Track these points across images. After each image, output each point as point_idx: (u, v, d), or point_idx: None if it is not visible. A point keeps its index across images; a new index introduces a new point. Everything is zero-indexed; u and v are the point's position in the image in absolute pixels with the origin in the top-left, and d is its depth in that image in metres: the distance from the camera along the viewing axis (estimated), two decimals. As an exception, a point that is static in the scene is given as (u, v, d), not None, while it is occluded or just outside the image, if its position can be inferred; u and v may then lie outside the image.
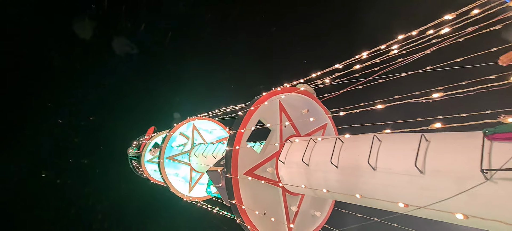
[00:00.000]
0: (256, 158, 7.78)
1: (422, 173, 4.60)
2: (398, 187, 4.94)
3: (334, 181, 6.21)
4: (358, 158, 5.79)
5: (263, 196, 7.89)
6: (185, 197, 15.42)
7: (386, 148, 5.37)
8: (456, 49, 5.18)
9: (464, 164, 4.06)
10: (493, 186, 3.72)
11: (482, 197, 3.82)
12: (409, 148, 4.89)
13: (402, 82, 6.52)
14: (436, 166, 4.48)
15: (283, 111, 8.27)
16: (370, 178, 5.45)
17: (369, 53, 6.21)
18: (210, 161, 12.80)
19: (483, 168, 3.76)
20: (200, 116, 15.89)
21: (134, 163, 27.70)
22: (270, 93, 7.84)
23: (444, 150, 4.48)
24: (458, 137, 4.48)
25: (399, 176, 4.92)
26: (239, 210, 7.13)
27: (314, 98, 8.96)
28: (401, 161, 4.94)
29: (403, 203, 4.76)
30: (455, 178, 4.13)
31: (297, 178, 7.37)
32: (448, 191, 4.16)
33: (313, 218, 9.04)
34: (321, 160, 6.60)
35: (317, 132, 9.27)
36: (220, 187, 8.15)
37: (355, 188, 5.72)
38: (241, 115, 7.65)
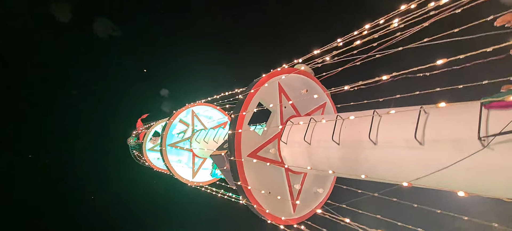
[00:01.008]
0: (258, 140, 7.91)
1: (421, 145, 4.74)
2: (399, 159, 5.10)
3: (336, 158, 6.37)
4: (358, 134, 5.92)
5: (267, 176, 8.08)
6: (189, 182, 15.69)
7: (386, 122, 5.49)
8: (455, 20, 5.20)
9: (462, 133, 4.20)
10: (490, 153, 3.87)
11: (480, 164, 3.97)
12: (408, 121, 5.02)
13: (401, 57, 6.58)
14: (435, 136, 4.62)
15: (283, 93, 8.33)
16: (371, 152, 5.61)
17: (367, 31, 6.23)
18: (211, 146, 12.96)
19: (481, 135, 3.90)
20: (198, 102, 15.93)
21: (136, 152, 27.93)
22: (269, 75, 7.88)
23: (442, 121, 4.60)
24: (456, 108, 4.59)
25: (400, 148, 5.07)
26: (245, 191, 7.32)
27: (312, 78, 9.01)
28: (401, 134, 5.07)
29: (406, 177, 4.95)
30: (454, 147, 4.28)
31: (300, 157, 7.54)
32: (447, 160, 4.31)
33: (316, 195, 9.31)
34: (323, 138, 6.74)
35: (317, 111, 9.38)
36: (224, 170, 8.32)
37: (357, 163, 5.89)
38: (241, 98, 7.72)
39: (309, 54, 7.46)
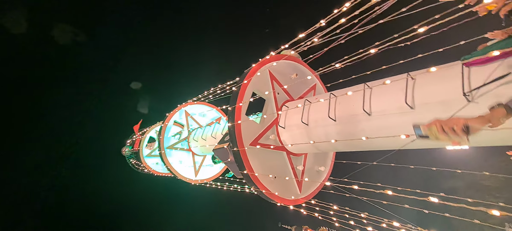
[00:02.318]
0: (257, 128, 8.16)
1: (412, 109, 5.09)
2: (393, 125, 5.44)
3: (335, 134, 6.69)
4: (353, 107, 6.24)
5: (270, 162, 8.37)
6: (193, 181, 15.91)
7: (377, 93, 5.81)
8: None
9: (448, 92, 4.55)
10: (475, 106, 4.23)
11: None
12: (397, 89, 5.34)
13: (382, 29, 6.87)
14: (424, 99, 4.97)
15: (274, 80, 8.56)
16: (367, 123, 5.94)
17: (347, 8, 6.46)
18: (210, 142, 13.15)
19: (465, 91, 4.25)
20: (190, 101, 16.01)
21: (133, 161, 27.83)
22: (259, 63, 8.08)
23: (429, 83, 4.95)
24: (440, 70, 4.92)
25: (393, 115, 5.41)
26: (252, 178, 7.60)
27: (300, 62, 9.25)
28: (393, 102, 5.41)
29: (401, 141, 5.30)
30: (442, 106, 4.63)
31: (299, 138, 7.84)
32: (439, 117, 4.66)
33: (318, 173, 9.70)
34: (319, 116, 7.04)
35: (308, 93, 9.67)
36: (229, 162, 8.56)
37: (355, 136, 6.22)
38: (235, 90, 7.91)
39: (294, 39, 7.66)
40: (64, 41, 40.04)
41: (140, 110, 46.54)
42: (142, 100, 46.90)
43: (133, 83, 46.42)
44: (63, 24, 38.93)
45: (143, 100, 46.85)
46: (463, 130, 2.95)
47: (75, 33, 40.36)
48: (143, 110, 46.58)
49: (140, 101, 46.99)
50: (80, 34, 40.83)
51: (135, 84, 46.69)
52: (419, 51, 6.70)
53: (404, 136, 4.55)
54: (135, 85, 46.62)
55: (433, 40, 6.45)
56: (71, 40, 40.70)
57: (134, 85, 46.58)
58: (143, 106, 46.82)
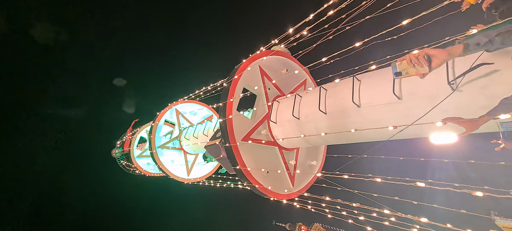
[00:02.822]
0: (249, 123, 8.19)
1: (400, 99, 5.21)
2: (382, 116, 5.56)
3: (326, 127, 6.77)
4: (342, 100, 6.34)
5: (262, 157, 8.42)
6: (185, 180, 15.83)
7: (366, 85, 5.92)
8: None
9: (433, 81, 4.67)
10: (460, 94, 4.38)
11: (453, 105, 4.47)
12: (385, 80, 5.46)
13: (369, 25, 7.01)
14: (410, 89, 5.09)
15: (265, 75, 8.60)
16: (356, 115, 6.04)
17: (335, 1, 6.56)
18: (202, 140, 13.11)
19: (449, 80, 4.38)
20: (181, 99, 15.91)
21: (124, 162, 27.47)
22: (249, 59, 8.11)
23: (415, 74, 5.06)
24: (425, 60, 5.05)
25: (381, 106, 5.52)
26: (245, 173, 7.63)
27: (289, 57, 9.32)
28: (381, 93, 5.52)
29: (390, 131, 5.42)
30: (428, 96, 4.76)
31: (291, 133, 7.91)
32: (425, 108, 4.80)
33: (310, 167, 9.80)
34: (310, 110, 7.12)
35: (299, 88, 9.75)
36: (221, 158, 8.56)
37: (345, 128, 6.32)
38: (226, 86, 7.92)
39: (284, 34, 7.73)
40: (46, 40, 38.64)
41: (126, 110, 45.20)
42: (128, 99, 45.59)
43: (116, 80, 44.51)
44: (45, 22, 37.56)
45: (129, 99, 45.51)
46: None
47: (57, 32, 39.05)
48: (129, 110, 45.30)
49: (126, 101, 45.64)
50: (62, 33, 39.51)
51: (118, 81, 44.84)
52: (406, 45, 6.90)
53: (392, 128, 4.66)
54: (118, 82, 44.80)
55: (419, 34, 6.64)
56: (53, 39, 39.36)
57: (118, 82, 44.77)
58: (129, 106, 45.46)
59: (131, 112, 45.21)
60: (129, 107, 45.20)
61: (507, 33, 3.39)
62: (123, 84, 44.37)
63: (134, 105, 45.38)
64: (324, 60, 6.33)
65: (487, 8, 4.96)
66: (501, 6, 4.75)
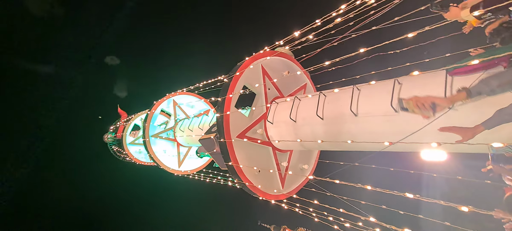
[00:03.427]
0: (245, 121, 8.24)
1: (397, 112, 5.30)
2: (378, 127, 5.65)
3: (321, 132, 6.85)
4: (340, 108, 6.42)
5: (255, 156, 8.47)
6: (176, 172, 15.79)
7: (365, 95, 6.01)
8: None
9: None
10: (455, 113, 4.48)
11: (448, 123, 4.56)
12: (384, 92, 5.56)
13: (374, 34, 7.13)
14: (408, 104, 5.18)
15: (266, 75, 8.67)
16: (353, 123, 6.13)
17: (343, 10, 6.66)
18: (196, 133, 13.11)
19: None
20: (179, 91, 15.90)
21: (115, 148, 27.30)
22: (252, 57, 8.17)
23: (414, 89, 5.18)
24: (425, 76, 5.17)
25: (378, 117, 5.62)
26: (237, 170, 7.67)
27: (292, 60, 9.40)
28: (379, 104, 5.61)
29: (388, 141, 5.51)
30: (424, 111, 4.85)
31: (286, 135, 7.97)
32: (420, 123, 4.90)
33: (302, 170, 9.87)
34: (307, 114, 7.20)
35: (298, 91, 9.83)
36: (214, 153, 8.59)
37: (341, 135, 6.40)
38: (227, 81, 7.96)
39: (289, 36, 7.80)
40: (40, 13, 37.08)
41: (118, 93, 43.34)
42: (120, 82, 43.39)
43: (108, 58, 41.90)
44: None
45: (121, 82, 43.35)
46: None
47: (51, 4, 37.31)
48: (121, 93, 43.53)
49: (118, 83, 43.39)
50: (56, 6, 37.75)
51: (111, 59, 42.53)
52: (408, 59, 7.04)
53: (387, 143, 4.75)
54: (111, 60, 42.50)
55: (422, 50, 6.77)
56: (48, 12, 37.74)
57: (111, 60, 42.49)
58: (121, 89, 43.51)
59: (122, 96, 43.61)
60: (121, 91, 43.62)
61: (508, 85, 3.60)
62: (116, 63, 42.35)
63: (126, 89, 43.68)
64: (326, 64, 6.40)
65: (490, 33, 5.08)
66: (503, 32, 4.87)
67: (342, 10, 6.41)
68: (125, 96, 42.82)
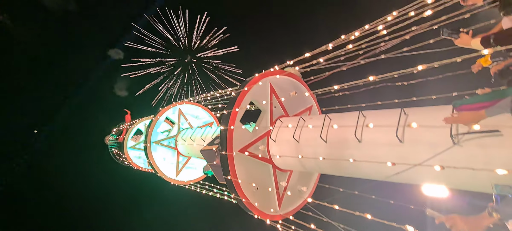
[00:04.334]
0: (248, 136, 8.24)
1: (401, 142, 5.29)
2: (381, 156, 5.61)
3: (324, 154, 6.82)
4: (345, 132, 6.41)
5: (255, 172, 8.41)
6: (172, 181, 15.68)
7: (371, 122, 6.01)
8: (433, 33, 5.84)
9: (436, 132, 4.77)
10: (460, 149, 4.46)
11: (452, 158, 4.55)
12: (390, 121, 5.56)
13: (383, 64, 7.23)
14: (413, 135, 5.18)
15: (273, 93, 8.75)
16: (356, 149, 6.11)
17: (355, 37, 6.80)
18: (198, 143, 13.12)
19: (452, 133, 4.48)
20: (186, 100, 16.05)
21: (115, 150, 27.32)
22: (262, 74, 8.28)
23: (420, 121, 5.17)
24: (432, 110, 5.20)
25: (382, 146, 5.60)
26: (235, 185, 7.61)
27: (301, 81, 9.51)
28: (384, 133, 5.60)
29: (387, 173, 5.47)
30: (429, 144, 4.84)
31: (288, 154, 7.94)
32: (424, 156, 4.88)
33: (300, 192, 9.74)
34: (311, 136, 7.19)
35: (304, 113, 9.86)
36: (214, 164, 8.56)
37: (343, 160, 6.36)
38: (234, 95, 8.04)
39: (300, 57, 7.94)
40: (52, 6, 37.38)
41: (118, 92, 43.16)
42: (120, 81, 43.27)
43: (112, 51, 42.07)
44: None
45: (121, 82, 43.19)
46: None
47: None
48: (120, 92, 43.39)
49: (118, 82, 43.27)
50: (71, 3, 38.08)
51: (115, 53, 42.67)
52: (416, 92, 7.12)
53: (390, 164, 4.72)
54: (115, 53, 42.57)
55: (429, 84, 6.84)
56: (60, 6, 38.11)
57: (114, 54, 42.55)
58: (121, 88, 43.33)
59: (123, 95, 43.55)
60: (120, 90, 43.55)
61: None
62: (121, 56, 42.41)
63: (126, 89, 43.58)
64: (335, 88, 6.47)
65: (495, 74, 5.14)
66: (509, 75, 4.92)
67: (354, 36, 6.54)
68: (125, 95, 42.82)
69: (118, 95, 43.62)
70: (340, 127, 6.55)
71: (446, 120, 4.24)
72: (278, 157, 8.25)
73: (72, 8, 38.95)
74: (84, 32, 41.81)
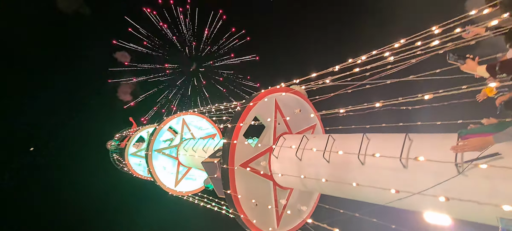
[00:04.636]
0: (251, 151, 8.23)
1: (405, 168, 5.25)
2: (384, 180, 5.56)
3: (326, 175, 6.77)
4: (348, 154, 6.38)
5: (255, 188, 8.33)
6: (171, 191, 15.56)
7: (374, 145, 5.99)
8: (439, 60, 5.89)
9: (441, 159, 4.73)
10: (464, 178, 4.41)
11: (456, 187, 4.49)
12: (394, 146, 5.54)
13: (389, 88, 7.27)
14: (417, 162, 5.13)
15: (278, 110, 8.78)
16: (359, 172, 6.06)
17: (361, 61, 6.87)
18: (200, 155, 13.09)
19: (457, 162, 4.44)
20: (190, 111, 16.14)
21: (116, 156, 27.31)
22: (268, 91, 8.34)
23: (424, 148, 5.16)
24: (437, 137, 5.18)
25: (385, 170, 5.55)
26: (234, 200, 7.54)
27: (306, 99, 9.55)
28: (388, 157, 5.56)
29: (389, 198, 5.40)
30: (433, 172, 4.80)
31: (290, 172, 7.88)
32: (428, 183, 4.82)
33: (300, 212, 9.60)
34: (314, 155, 7.16)
35: (307, 131, 9.86)
36: (214, 178, 8.52)
37: (345, 182, 6.30)
38: (239, 110, 8.08)
39: (306, 77, 8.01)
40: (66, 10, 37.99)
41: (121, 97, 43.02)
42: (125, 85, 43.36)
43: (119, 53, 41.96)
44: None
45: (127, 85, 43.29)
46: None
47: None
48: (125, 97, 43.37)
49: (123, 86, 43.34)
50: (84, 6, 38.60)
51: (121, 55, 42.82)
52: (421, 117, 7.11)
53: (394, 191, 4.67)
54: (121, 56, 42.86)
55: (434, 110, 6.83)
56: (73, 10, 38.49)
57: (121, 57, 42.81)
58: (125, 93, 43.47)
59: (126, 99, 43.67)
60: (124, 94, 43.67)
61: None
62: (127, 59, 42.86)
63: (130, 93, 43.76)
64: (341, 111, 6.48)
65: (501, 105, 5.14)
66: None
67: (361, 60, 6.60)
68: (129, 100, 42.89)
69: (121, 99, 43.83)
70: (343, 148, 6.52)
71: (454, 149, 4.22)
72: (279, 175, 8.19)
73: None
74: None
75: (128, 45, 41.06)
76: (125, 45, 41.19)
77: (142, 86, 46.07)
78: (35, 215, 39.31)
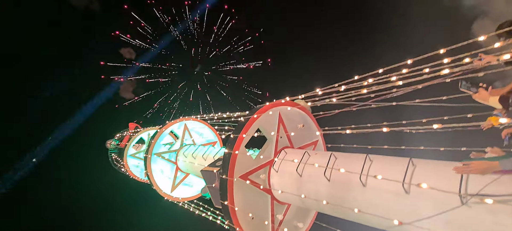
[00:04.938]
0: (251, 163, 8.15)
1: (407, 193, 5.16)
2: (385, 204, 5.48)
3: (326, 193, 6.68)
4: (350, 174, 6.30)
5: (252, 201, 8.23)
6: (166, 196, 15.42)
7: (377, 167, 5.92)
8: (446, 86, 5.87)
9: (444, 188, 4.65)
10: (467, 209, 4.33)
11: (458, 219, 4.40)
12: (397, 169, 5.46)
13: (394, 109, 7.25)
14: (420, 189, 5.05)
15: (281, 123, 8.74)
16: (359, 193, 5.97)
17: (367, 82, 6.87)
18: (199, 162, 13.01)
19: (460, 193, 4.37)
20: (193, 117, 16.13)
21: (114, 156, 27.23)
22: (272, 104, 8.33)
23: (428, 174, 5.08)
24: (441, 165, 5.10)
25: (387, 193, 5.47)
26: (230, 211, 7.43)
27: (310, 115, 9.52)
28: (390, 180, 5.49)
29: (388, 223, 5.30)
30: (436, 200, 4.71)
31: (289, 187, 7.80)
32: (429, 211, 4.74)
33: (296, 228, 9.46)
34: (314, 172, 7.08)
35: (309, 146, 9.79)
36: (212, 187, 8.43)
37: (345, 202, 6.21)
38: (243, 121, 8.06)
39: (311, 92, 8.01)
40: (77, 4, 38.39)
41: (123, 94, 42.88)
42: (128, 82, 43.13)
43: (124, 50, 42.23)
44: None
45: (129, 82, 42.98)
46: None
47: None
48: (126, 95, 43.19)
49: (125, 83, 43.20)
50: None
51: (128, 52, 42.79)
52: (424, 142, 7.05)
53: (397, 222, 4.57)
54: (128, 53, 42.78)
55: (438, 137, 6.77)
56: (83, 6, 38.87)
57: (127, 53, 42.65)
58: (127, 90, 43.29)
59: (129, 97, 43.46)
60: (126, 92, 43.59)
61: None
62: (134, 56, 42.73)
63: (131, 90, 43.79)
64: (347, 132, 6.44)
65: (507, 137, 5.07)
66: None
67: (367, 82, 6.60)
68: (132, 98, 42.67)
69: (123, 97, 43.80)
70: (345, 167, 6.45)
71: (457, 170, 4.15)
72: (279, 192, 8.08)
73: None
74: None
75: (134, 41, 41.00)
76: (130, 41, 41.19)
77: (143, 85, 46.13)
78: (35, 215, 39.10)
